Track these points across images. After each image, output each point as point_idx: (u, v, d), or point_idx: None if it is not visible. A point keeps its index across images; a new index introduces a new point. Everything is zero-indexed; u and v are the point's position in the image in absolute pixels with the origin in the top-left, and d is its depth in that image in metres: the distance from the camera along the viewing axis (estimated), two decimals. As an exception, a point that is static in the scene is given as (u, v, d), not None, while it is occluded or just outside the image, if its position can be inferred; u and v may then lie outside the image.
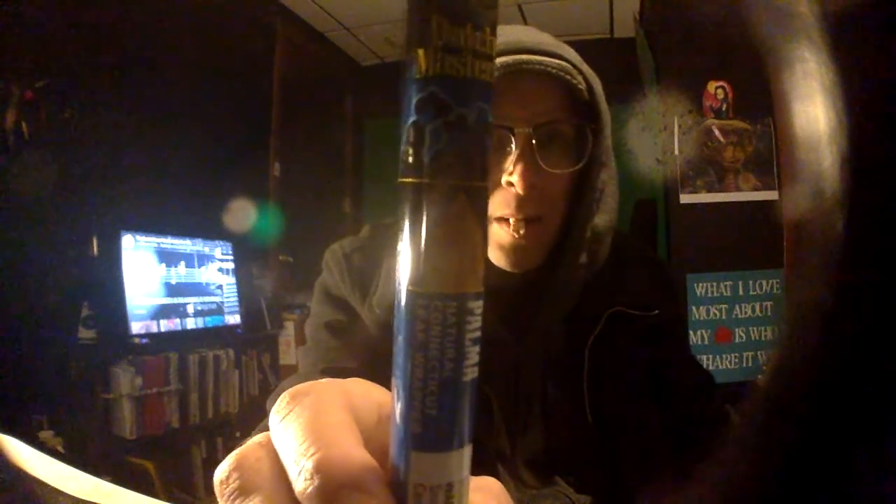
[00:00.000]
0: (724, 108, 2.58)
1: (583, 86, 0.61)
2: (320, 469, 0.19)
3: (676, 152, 2.59)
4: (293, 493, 0.19)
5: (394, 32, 3.42)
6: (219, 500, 0.21)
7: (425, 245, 0.17)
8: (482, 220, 0.17)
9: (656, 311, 0.67)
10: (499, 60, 0.57)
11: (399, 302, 0.18)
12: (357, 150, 3.98)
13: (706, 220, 2.56)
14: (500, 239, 0.61)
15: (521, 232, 0.60)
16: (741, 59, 2.25)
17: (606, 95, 0.63)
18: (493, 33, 0.17)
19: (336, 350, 0.67)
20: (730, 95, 2.57)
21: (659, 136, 2.64)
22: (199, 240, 2.50)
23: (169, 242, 2.35)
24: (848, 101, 0.19)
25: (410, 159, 0.17)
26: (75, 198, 2.02)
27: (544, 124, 0.60)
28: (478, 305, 0.17)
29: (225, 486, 0.21)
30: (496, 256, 0.62)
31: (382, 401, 0.22)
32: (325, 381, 0.22)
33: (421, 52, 0.16)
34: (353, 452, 0.19)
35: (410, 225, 0.17)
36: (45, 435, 1.76)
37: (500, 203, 0.60)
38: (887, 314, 0.20)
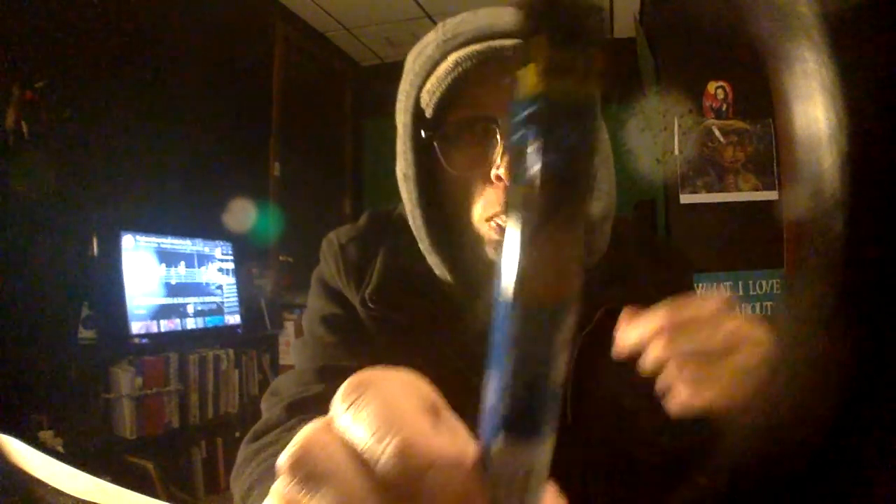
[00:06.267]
0: (724, 108, 2.58)
1: None
2: (405, 449, 0.19)
3: (676, 152, 2.59)
4: (368, 477, 0.20)
5: (394, 32, 3.42)
6: (284, 488, 0.20)
7: (521, 257, 0.18)
8: (577, 236, 0.18)
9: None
10: (472, 48, 0.56)
11: (497, 304, 0.19)
12: (357, 150, 3.98)
13: (706, 220, 2.56)
14: (492, 236, 0.59)
15: None
16: (741, 59, 2.25)
17: (606, 96, 0.62)
18: (602, 50, 0.17)
19: (333, 346, 0.65)
20: (730, 95, 2.57)
21: (659, 136, 2.64)
22: (199, 240, 2.49)
23: (169, 242, 2.34)
24: (848, 101, 0.19)
25: (513, 176, 0.18)
26: (75, 198, 2.02)
27: None
28: (569, 313, 0.18)
29: (296, 472, 0.20)
30: (491, 253, 0.60)
31: (425, 392, 0.23)
32: (383, 370, 0.22)
33: (525, 71, 0.17)
34: (433, 434, 0.20)
35: (511, 237, 0.18)
36: (45, 435, 1.76)
37: (492, 201, 0.58)
38: (887, 314, 0.20)
